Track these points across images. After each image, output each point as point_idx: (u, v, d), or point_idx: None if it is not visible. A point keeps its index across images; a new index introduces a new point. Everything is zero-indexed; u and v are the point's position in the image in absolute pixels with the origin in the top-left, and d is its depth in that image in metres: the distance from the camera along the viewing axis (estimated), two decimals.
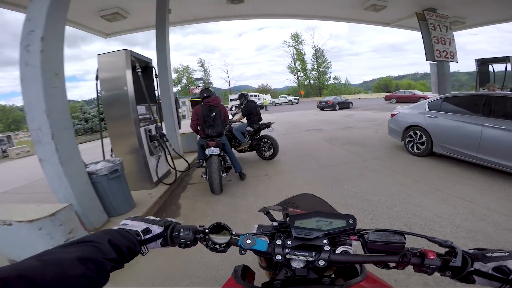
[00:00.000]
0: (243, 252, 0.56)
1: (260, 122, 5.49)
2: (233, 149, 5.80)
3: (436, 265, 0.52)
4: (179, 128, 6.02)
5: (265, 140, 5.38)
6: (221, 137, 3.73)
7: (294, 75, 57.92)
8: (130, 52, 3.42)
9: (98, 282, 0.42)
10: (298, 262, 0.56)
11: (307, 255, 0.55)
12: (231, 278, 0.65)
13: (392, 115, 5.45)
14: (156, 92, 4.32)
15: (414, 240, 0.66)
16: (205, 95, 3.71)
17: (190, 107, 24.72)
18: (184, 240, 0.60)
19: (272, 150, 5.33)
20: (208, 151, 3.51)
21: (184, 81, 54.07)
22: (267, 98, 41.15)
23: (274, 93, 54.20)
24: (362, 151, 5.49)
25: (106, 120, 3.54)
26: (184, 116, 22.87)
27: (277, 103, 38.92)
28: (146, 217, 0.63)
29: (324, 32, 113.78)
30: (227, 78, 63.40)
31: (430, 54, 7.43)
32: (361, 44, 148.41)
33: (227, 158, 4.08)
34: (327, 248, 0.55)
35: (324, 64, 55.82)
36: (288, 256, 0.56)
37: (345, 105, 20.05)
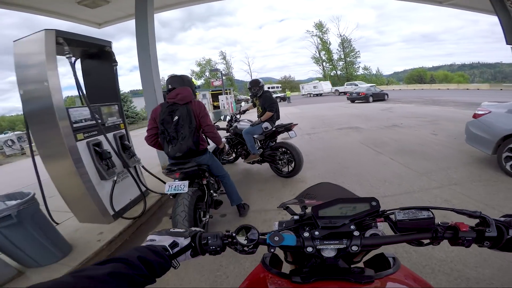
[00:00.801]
0: (272, 250, 0.55)
1: (277, 123, 3.97)
2: (240, 159, 4.41)
3: (472, 237, 0.50)
4: None
5: (283, 149, 3.79)
6: (201, 156, 2.29)
7: (319, 65, 54.78)
8: (55, 32, 2.16)
9: None
10: (329, 251, 0.54)
11: (339, 242, 0.53)
12: (259, 265, 0.64)
13: (476, 116, 3.58)
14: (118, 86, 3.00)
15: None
16: (169, 87, 2.23)
17: (211, 99, 23.61)
18: (213, 247, 0.58)
19: (293, 164, 3.76)
20: (168, 188, 2.05)
21: (207, 74, 53.56)
22: (327, 85, 36.45)
23: (297, 85, 51.27)
24: (427, 167, 3.70)
25: (31, 131, 2.35)
26: None
27: (341, 93, 31.26)
28: (170, 229, 0.61)
29: (350, 22, 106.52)
30: (249, 70, 61.73)
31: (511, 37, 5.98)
32: (390, 33, 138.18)
33: (217, 183, 2.68)
34: (356, 233, 0.53)
35: (352, 53, 51.84)
36: (319, 247, 0.54)
37: (380, 97, 17.67)
